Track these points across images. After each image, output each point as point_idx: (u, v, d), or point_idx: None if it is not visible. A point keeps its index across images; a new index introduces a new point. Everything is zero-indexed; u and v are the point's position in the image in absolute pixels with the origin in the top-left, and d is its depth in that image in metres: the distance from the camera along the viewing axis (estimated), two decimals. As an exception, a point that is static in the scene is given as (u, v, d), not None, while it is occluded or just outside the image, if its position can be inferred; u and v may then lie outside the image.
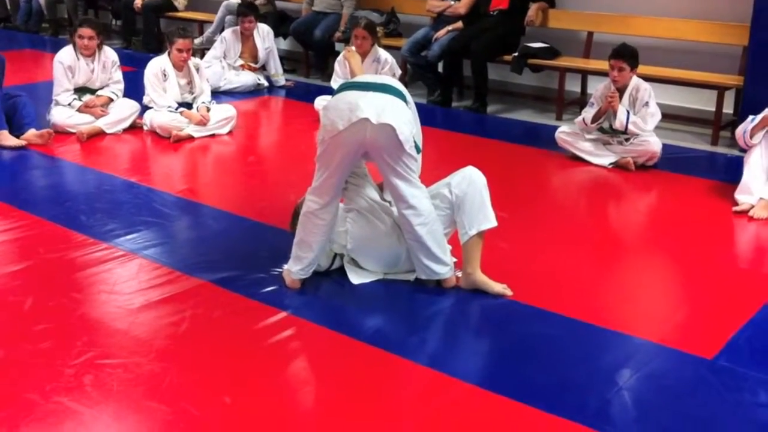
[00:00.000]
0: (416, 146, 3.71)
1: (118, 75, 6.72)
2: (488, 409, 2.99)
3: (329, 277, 3.99)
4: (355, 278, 3.96)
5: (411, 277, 3.96)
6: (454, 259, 3.95)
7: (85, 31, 6.44)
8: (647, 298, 3.97)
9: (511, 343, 3.48)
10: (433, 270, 3.84)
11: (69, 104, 6.48)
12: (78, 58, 6.50)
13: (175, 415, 2.91)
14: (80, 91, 6.56)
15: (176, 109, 6.53)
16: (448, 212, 3.88)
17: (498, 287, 3.84)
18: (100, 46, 6.58)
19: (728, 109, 6.76)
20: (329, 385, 3.13)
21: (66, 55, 6.51)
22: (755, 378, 3.19)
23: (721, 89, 6.63)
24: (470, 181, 3.85)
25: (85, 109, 6.50)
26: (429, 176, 3.96)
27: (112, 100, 6.63)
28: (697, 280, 4.13)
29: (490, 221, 3.83)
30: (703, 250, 4.47)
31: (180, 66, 6.60)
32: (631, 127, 5.72)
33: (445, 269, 3.85)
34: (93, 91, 6.61)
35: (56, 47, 7.16)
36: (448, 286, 3.89)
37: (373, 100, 3.61)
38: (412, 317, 3.70)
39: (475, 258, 3.84)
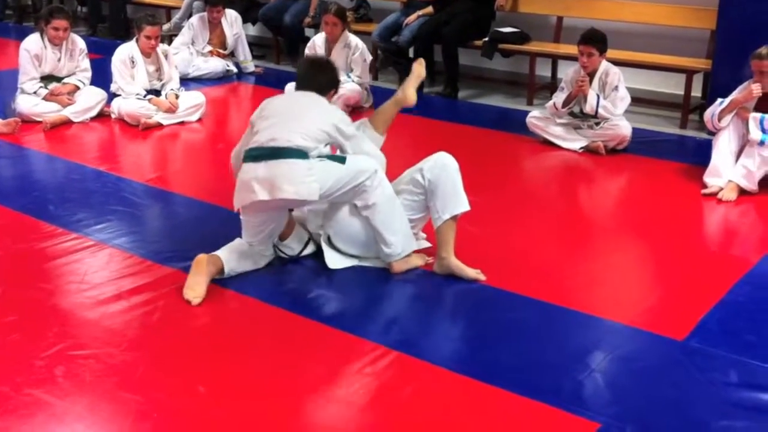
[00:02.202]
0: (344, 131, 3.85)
1: (86, 63, 6.65)
2: (462, 392, 3.00)
3: (301, 264, 3.98)
4: (332, 262, 3.94)
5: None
6: (428, 245, 3.95)
7: (61, 23, 6.34)
8: (618, 281, 4.00)
9: (484, 327, 3.50)
10: (382, 251, 3.86)
11: (35, 92, 6.39)
12: (45, 47, 6.41)
13: (148, 405, 2.90)
14: (47, 79, 6.48)
15: (144, 96, 6.46)
16: (422, 198, 3.88)
17: (471, 272, 3.85)
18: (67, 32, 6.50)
19: (697, 92, 6.81)
20: (303, 372, 3.12)
21: (32, 43, 6.41)
22: (725, 358, 3.23)
23: (689, 73, 6.67)
24: (442, 166, 3.85)
25: (50, 97, 6.42)
26: (402, 162, 3.97)
27: (78, 88, 6.56)
28: (667, 262, 4.17)
29: (462, 205, 3.85)
30: (673, 232, 4.51)
31: (148, 53, 6.53)
32: (601, 111, 5.74)
33: (390, 250, 3.84)
34: (59, 80, 6.53)
35: (21, 34, 7.07)
36: (393, 272, 3.89)
37: (265, 173, 3.67)
38: (386, 303, 3.72)
39: (449, 243, 3.85)
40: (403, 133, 6.34)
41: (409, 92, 4.12)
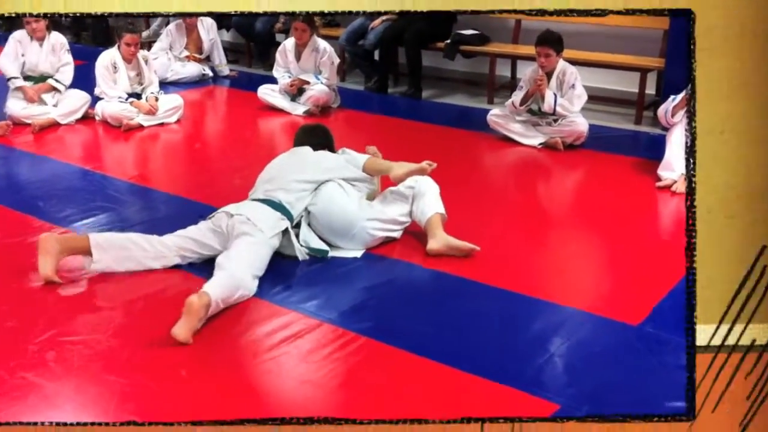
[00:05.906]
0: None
1: (68, 57, 6.75)
2: (428, 376, 3.14)
3: (279, 255, 4.05)
4: (300, 254, 4.08)
5: (358, 254, 4.12)
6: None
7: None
8: (577, 270, 4.12)
9: (450, 314, 3.62)
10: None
11: (9, 80, 6.52)
12: (31, 40, 6.57)
13: (132, 387, 3.06)
14: (29, 79, 6.62)
15: (126, 99, 6.61)
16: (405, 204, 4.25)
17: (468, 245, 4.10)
18: (48, 29, 6.63)
19: (650, 89, 6.80)
20: (282, 359, 3.26)
21: (19, 33, 6.58)
22: (678, 342, 3.21)
23: (643, 71, 6.67)
24: (428, 181, 4.24)
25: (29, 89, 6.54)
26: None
27: (54, 88, 6.69)
28: (623, 251, 4.25)
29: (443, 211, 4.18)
30: (629, 223, 4.59)
31: (129, 59, 6.68)
32: (558, 109, 5.83)
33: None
34: (41, 76, 6.67)
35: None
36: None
37: (248, 204, 4.06)
38: (354, 290, 3.82)
39: (439, 226, 4.15)
40: (368, 133, 6.45)
41: (400, 172, 4.35)
